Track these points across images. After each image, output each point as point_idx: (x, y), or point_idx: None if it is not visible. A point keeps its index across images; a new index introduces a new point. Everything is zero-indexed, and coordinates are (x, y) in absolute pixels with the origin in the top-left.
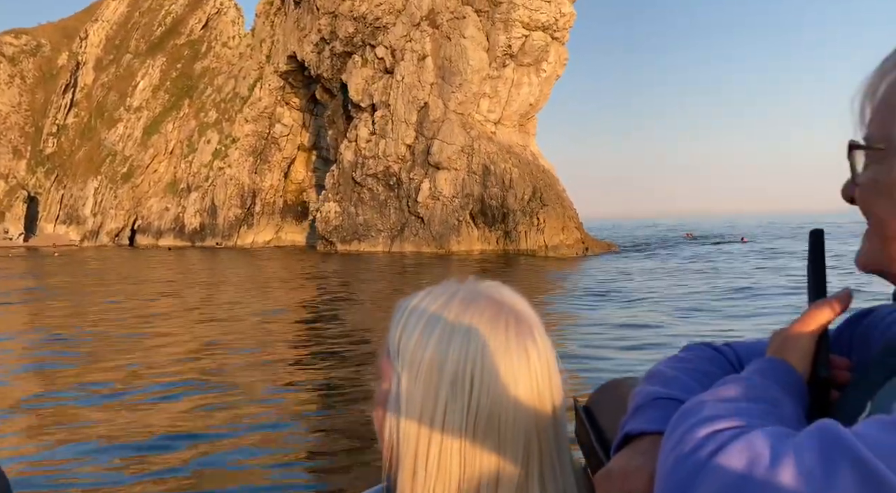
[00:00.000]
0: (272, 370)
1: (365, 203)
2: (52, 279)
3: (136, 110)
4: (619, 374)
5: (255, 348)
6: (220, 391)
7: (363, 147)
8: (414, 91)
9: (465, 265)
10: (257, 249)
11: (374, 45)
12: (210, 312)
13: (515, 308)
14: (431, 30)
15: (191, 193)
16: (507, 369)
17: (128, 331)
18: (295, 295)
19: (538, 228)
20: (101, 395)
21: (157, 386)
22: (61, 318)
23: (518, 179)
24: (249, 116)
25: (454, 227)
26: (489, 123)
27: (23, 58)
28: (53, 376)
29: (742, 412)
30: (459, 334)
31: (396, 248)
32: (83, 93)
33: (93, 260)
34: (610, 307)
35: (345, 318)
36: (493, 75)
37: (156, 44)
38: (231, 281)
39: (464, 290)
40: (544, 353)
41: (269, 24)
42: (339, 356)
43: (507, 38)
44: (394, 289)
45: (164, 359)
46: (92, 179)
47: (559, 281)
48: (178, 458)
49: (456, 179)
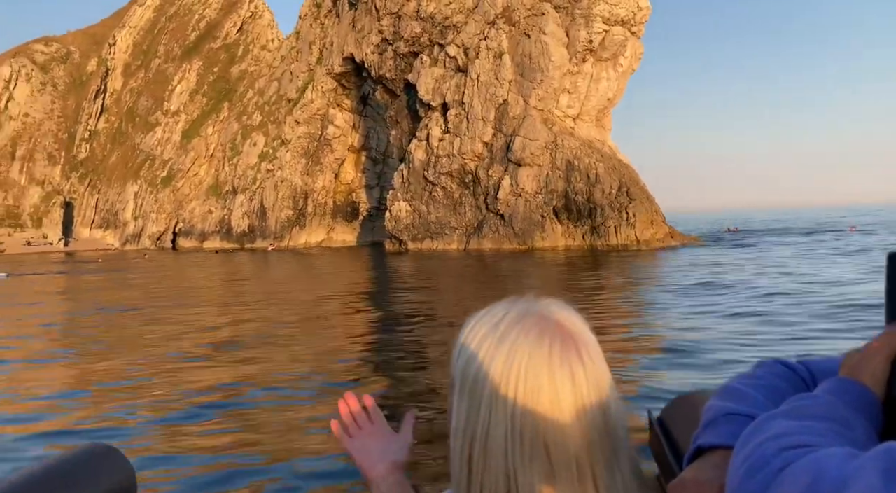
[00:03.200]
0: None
1: (437, 201)
2: (158, 285)
3: (173, 114)
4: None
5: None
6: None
7: (436, 146)
8: (491, 88)
9: (553, 262)
10: (311, 249)
11: (444, 45)
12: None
13: (564, 327)
14: (508, 27)
15: (237, 196)
16: (550, 387)
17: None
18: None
19: (628, 223)
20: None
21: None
22: (227, 327)
23: (604, 174)
24: (301, 118)
25: (538, 223)
26: (568, 119)
27: (54, 65)
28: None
29: (811, 431)
30: (503, 352)
31: (474, 245)
32: (113, 98)
33: (165, 266)
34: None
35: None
36: (573, 71)
37: (190, 48)
38: (344, 283)
39: (516, 308)
40: (593, 372)
41: (319, 26)
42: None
43: (587, 34)
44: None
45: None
46: (131, 183)
47: (675, 274)
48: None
49: (539, 175)
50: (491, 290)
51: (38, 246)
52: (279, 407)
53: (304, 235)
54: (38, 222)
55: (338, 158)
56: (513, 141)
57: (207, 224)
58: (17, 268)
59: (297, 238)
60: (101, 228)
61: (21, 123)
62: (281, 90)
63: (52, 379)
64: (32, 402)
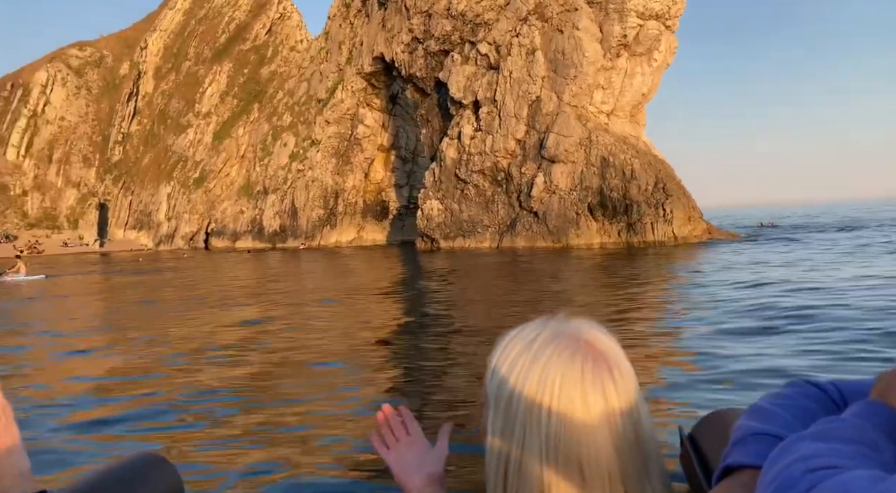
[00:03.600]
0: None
1: (470, 199)
2: (212, 283)
3: (205, 116)
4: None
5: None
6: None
7: (467, 144)
8: (524, 85)
9: (590, 259)
10: (341, 248)
11: (475, 42)
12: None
13: (595, 346)
14: (541, 23)
15: (268, 196)
16: (583, 405)
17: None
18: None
19: (665, 220)
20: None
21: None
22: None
23: (640, 170)
24: (331, 118)
25: (572, 220)
26: (602, 115)
27: (88, 69)
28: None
29: (839, 453)
30: (536, 371)
31: (506, 243)
32: (144, 101)
33: (206, 265)
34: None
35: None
36: (607, 66)
37: (221, 50)
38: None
39: (548, 329)
40: (624, 390)
41: (349, 26)
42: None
43: (622, 28)
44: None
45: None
46: (164, 185)
47: (719, 272)
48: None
49: (573, 171)
50: (530, 290)
51: (74, 247)
52: (314, 412)
53: (334, 234)
54: (75, 224)
55: (367, 158)
56: (546, 138)
57: (239, 224)
58: (64, 269)
59: (328, 237)
60: (135, 228)
61: (57, 127)
62: (310, 91)
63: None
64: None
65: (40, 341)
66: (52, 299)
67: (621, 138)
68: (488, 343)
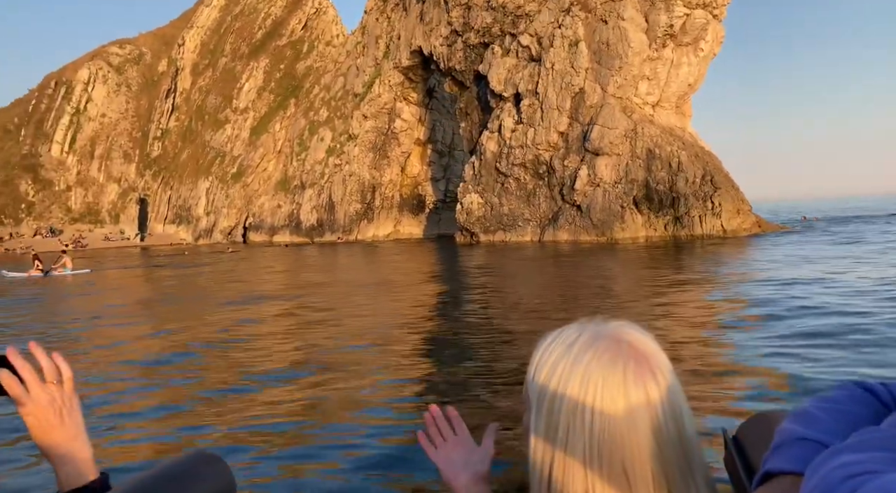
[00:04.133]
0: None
1: (510, 193)
2: (267, 277)
3: (242, 112)
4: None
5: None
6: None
7: (508, 137)
8: (567, 77)
9: (636, 253)
10: (379, 242)
11: (516, 34)
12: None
13: (636, 348)
14: (584, 14)
15: (305, 190)
16: (625, 407)
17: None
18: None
19: (714, 213)
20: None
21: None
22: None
23: (687, 162)
24: (368, 113)
25: (617, 214)
26: (647, 106)
27: (127, 66)
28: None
29: (878, 460)
30: (577, 375)
31: (548, 237)
32: (182, 97)
33: (253, 259)
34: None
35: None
36: (653, 57)
37: (257, 46)
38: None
39: (588, 331)
40: (666, 391)
41: (386, 20)
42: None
43: (668, 18)
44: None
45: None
46: (202, 180)
47: (774, 268)
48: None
49: (618, 164)
50: (575, 285)
51: (115, 241)
52: (359, 411)
53: (371, 228)
54: (116, 218)
55: (404, 152)
56: (590, 130)
57: (277, 218)
58: (108, 263)
59: (365, 231)
60: (174, 223)
61: (99, 124)
62: (347, 85)
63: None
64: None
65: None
66: (114, 291)
67: (667, 130)
68: (531, 340)
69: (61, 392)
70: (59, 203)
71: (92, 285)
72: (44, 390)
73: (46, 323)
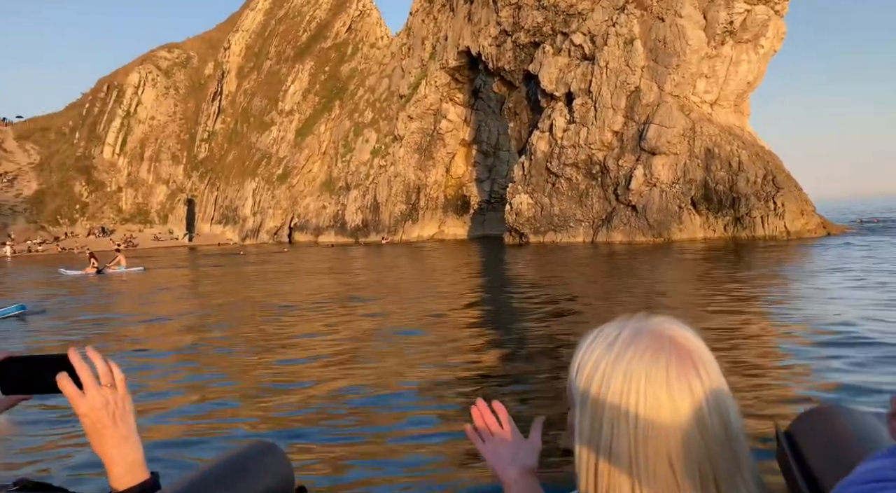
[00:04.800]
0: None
1: (562, 193)
2: (336, 276)
3: (287, 114)
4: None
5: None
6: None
7: (560, 136)
8: (622, 76)
9: (698, 255)
10: (423, 243)
11: (568, 33)
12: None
13: (678, 343)
14: (639, 12)
15: (350, 191)
16: (669, 403)
17: None
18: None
19: (776, 213)
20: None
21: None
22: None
23: (747, 161)
24: (414, 114)
25: (675, 214)
26: (705, 105)
27: (175, 70)
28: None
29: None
30: (620, 372)
31: (602, 238)
32: (228, 99)
33: (308, 258)
34: None
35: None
36: (711, 54)
37: (302, 49)
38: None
39: (629, 328)
40: (710, 386)
41: (432, 21)
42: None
43: (728, 14)
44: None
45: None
46: (249, 181)
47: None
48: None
49: (676, 163)
50: (632, 288)
51: (165, 241)
52: (405, 410)
53: (416, 229)
54: (164, 219)
55: (449, 153)
56: (646, 129)
57: (322, 219)
58: (160, 262)
59: (410, 232)
60: (220, 223)
61: (148, 126)
62: (392, 87)
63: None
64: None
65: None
66: (188, 290)
67: (726, 129)
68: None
69: (115, 395)
70: (111, 204)
71: (186, 288)
72: (99, 392)
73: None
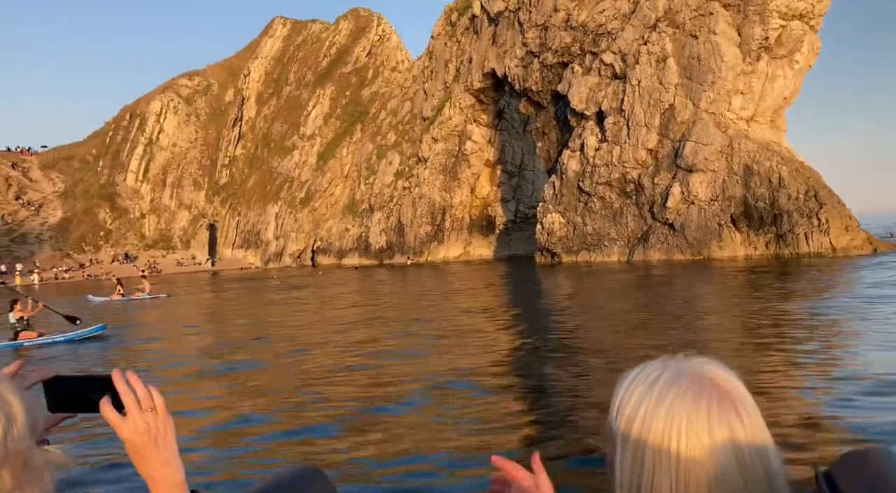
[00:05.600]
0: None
1: (594, 212)
2: (383, 299)
3: (309, 138)
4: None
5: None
6: None
7: (591, 155)
8: (655, 94)
9: (735, 273)
10: (450, 264)
11: (597, 53)
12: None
13: (718, 386)
14: (671, 30)
15: (374, 213)
16: (710, 445)
17: None
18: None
19: (821, 230)
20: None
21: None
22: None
23: (788, 177)
24: (439, 136)
25: (714, 232)
26: (741, 121)
27: (196, 97)
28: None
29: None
30: (661, 413)
31: (638, 257)
32: (248, 125)
33: (344, 281)
34: None
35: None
36: (747, 71)
37: (323, 74)
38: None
39: (670, 369)
40: (751, 428)
41: (455, 44)
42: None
43: (763, 30)
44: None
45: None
46: (271, 205)
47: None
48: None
49: (714, 181)
50: (682, 314)
51: (188, 266)
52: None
53: (442, 250)
54: (187, 244)
55: (474, 173)
56: (682, 147)
57: (345, 241)
58: (187, 287)
59: (436, 253)
60: (242, 247)
61: (170, 153)
62: (414, 109)
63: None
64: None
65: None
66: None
67: (764, 145)
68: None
69: (156, 419)
70: (134, 230)
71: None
72: (141, 417)
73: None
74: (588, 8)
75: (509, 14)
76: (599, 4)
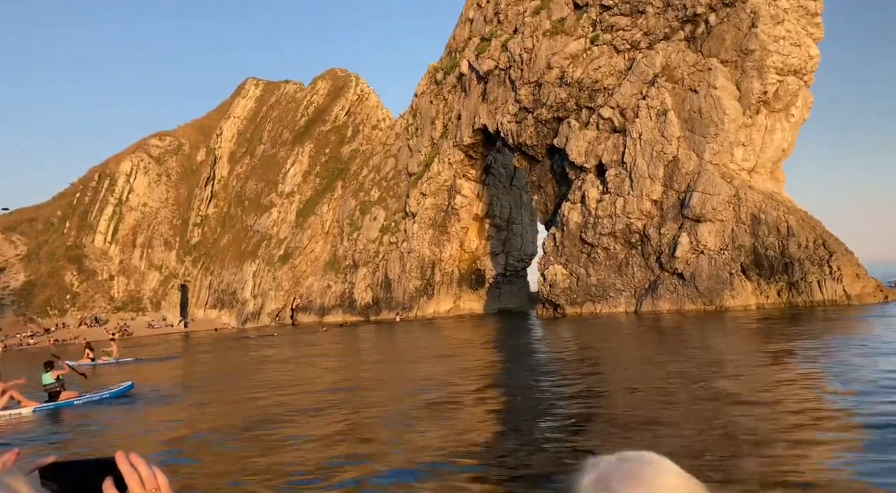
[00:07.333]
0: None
1: (599, 263)
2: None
3: (288, 195)
4: None
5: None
6: None
7: (593, 207)
8: (657, 146)
9: (749, 322)
10: (440, 319)
11: (594, 108)
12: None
13: (666, 486)
14: (670, 85)
15: (359, 269)
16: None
17: None
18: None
19: (833, 277)
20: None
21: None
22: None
23: (796, 226)
24: (427, 191)
25: (726, 281)
26: (743, 172)
27: (167, 157)
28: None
29: None
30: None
31: (647, 307)
32: (220, 184)
33: (354, 339)
34: None
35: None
36: (748, 123)
37: (301, 132)
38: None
39: (617, 472)
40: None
41: (442, 102)
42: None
43: (761, 85)
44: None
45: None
46: (248, 263)
47: None
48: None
49: (722, 230)
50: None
51: (160, 328)
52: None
53: (432, 304)
54: (157, 305)
55: (463, 227)
56: (689, 197)
57: (327, 298)
58: (170, 349)
59: (425, 308)
60: (216, 308)
61: (140, 213)
62: (398, 165)
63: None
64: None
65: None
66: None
67: (768, 195)
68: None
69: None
70: (103, 292)
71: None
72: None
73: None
74: (583, 65)
75: (500, 72)
76: (594, 62)
